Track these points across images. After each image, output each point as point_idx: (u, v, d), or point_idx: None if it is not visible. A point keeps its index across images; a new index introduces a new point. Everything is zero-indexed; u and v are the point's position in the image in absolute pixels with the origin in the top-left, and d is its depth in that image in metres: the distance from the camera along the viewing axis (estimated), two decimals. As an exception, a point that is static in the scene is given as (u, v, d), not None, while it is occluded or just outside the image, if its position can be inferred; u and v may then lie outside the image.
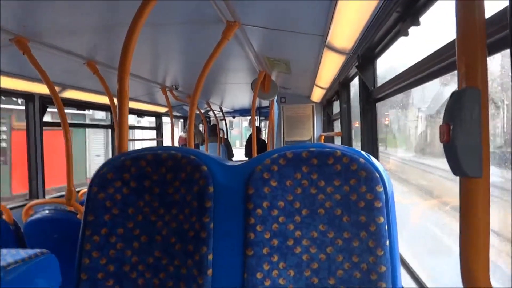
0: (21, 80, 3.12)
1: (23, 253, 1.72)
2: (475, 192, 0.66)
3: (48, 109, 3.68)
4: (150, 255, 1.15)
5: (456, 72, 0.70)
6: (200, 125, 7.63)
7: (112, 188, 1.17)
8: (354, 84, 3.00)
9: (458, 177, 0.70)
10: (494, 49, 0.86)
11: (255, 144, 3.88)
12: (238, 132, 17.01)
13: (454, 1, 0.70)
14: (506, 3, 0.76)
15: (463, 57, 0.67)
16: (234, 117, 9.27)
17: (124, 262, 1.15)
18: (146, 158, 1.18)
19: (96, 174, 1.19)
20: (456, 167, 0.66)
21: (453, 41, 0.69)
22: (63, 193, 2.78)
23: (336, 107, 4.15)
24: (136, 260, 1.15)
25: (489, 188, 0.67)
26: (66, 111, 2.72)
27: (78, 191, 3.35)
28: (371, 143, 2.23)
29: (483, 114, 0.65)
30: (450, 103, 0.66)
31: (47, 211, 2.45)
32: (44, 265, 1.76)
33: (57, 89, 3.02)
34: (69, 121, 2.77)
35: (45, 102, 3.62)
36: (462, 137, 0.65)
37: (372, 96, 2.22)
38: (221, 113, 8.06)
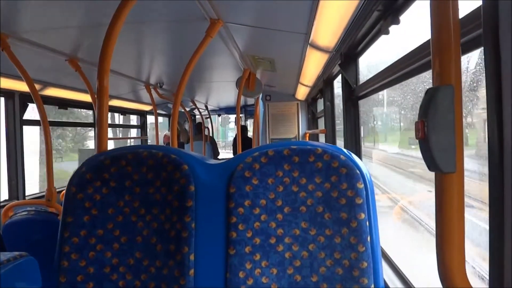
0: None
1: (1, 256, 1.68)
2: (450, 188, 0.68)
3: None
4: (131, 256, 1.13)
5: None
6: (186, 123, 7.58)
7: (91, 188, 1.14)
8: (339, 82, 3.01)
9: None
10: (468, 47, 0.88)
11: (239, 142, 3.88)
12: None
13: (429, 0, 0.71)
14: (480, 3, 0.78)
15: (437, 55, 0.68)
16: (219, 115, 9.25)
17: (104, 264, 1.12)
18: (126, 157, 1.16)
19: (74, 174, 1.16)
20: (430, 163, 0.68)
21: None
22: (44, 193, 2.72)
23: (321, 105, 4.18)
24: (116, 262, 1.13)
25: (463, 183, 0.68)
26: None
27: (60, 191, 3.28)
28: (353, 140, 2.26)
29: (456, 111, 0.66)
30: (425, 100, 0.67)
31: (27, 212, 2.37)
32: (23, 269, 1.70)
33: (37, 86, 2.94)
34: (49, 120, 2.71)
35: (25, 99, 3.47)
36: (436, 134, 0.66)
37: (354, 94, 2.25)
38: (206, 111, 8.03)
